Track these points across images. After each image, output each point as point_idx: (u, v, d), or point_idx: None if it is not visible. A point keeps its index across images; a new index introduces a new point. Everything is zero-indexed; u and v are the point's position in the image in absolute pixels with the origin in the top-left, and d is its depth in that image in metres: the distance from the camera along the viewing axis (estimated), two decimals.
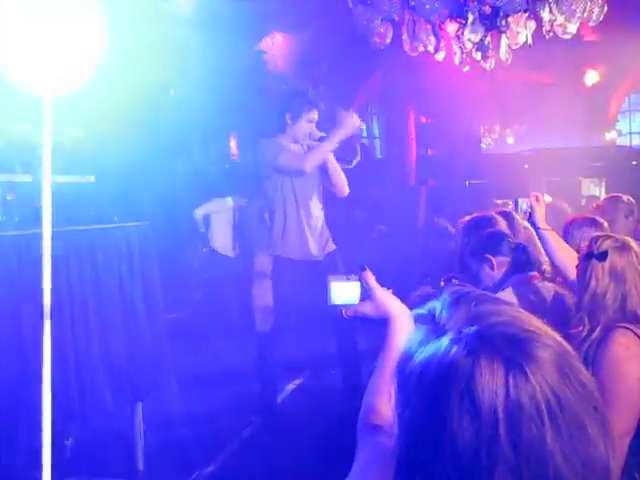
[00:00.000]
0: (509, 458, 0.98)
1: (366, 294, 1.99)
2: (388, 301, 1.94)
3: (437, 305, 1.16)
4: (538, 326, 1.09)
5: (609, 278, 3.10)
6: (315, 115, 6.54)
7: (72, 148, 5.10)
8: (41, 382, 4.25)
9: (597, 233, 3.59)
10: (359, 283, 2.03)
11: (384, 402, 1.59)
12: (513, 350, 1.03)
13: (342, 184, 6.67)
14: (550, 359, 1.04)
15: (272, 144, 6.37)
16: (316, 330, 7.95)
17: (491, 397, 0.99)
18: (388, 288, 2.03)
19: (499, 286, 3.99)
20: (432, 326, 1.12)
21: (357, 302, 2.02)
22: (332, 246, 6.71)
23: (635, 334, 3.01)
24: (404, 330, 1.76)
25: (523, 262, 4.12)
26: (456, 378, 1.02)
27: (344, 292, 2.07)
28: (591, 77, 18.76)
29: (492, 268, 4.11)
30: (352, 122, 6.32)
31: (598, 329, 3.08)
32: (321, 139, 6.47)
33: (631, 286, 3.08)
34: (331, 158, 6.52)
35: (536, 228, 4.19)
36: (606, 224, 4.79)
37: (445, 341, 1.06)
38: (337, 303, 2.07)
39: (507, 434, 0.98)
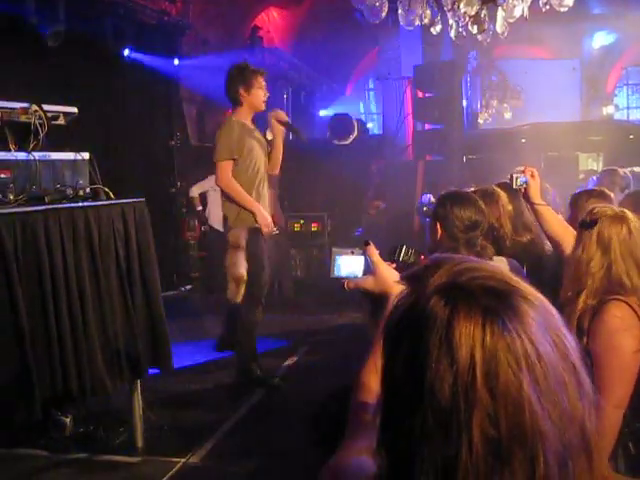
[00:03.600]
0: (486, 403, 0.99)
1: (369, 268, 1.99)
2: (390, 276, 1.93)
3: (421, 268, 1.17)
4: (520, 283, 1.10)
5: (596, 246, 3.12)
6: (263, 81, 6.75)
7: (67, 124, 5.05)
8: (38, 360, 4.27)
9: (602, 204, 3.59)
10: (363, 257, 2.03)
11: (376, 379, 1.59)
12: (492, 300, 1.04)
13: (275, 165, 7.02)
14: (530, 312, 1.05)
15: (225, 139, 6.68)
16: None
17: (468, 343, 1.00)
18: (391, 262, 2.02)
19: None
20: (416, 287, 1.12)
21: (360, 275, 2.02)
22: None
23: (629, 306, 3.02)
24: None
25: None
26: (434, 326, 1.03)
27: (347, 265, 2.07)
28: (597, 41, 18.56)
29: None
30: (265, 222, 6.57)
31: (586, 296, 3.10)
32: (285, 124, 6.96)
33: (617, 256, 3.09)
34: (279, 143, 6.91)
35: (531, 203, 4.17)
36: (613, 195, 4.80)
37: (424, 294, 1.08)
38: (339, 275, 2.07)
39: (484, 380, 0.99)
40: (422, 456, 1.01)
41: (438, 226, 3.89)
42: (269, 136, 7.02)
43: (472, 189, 5.01)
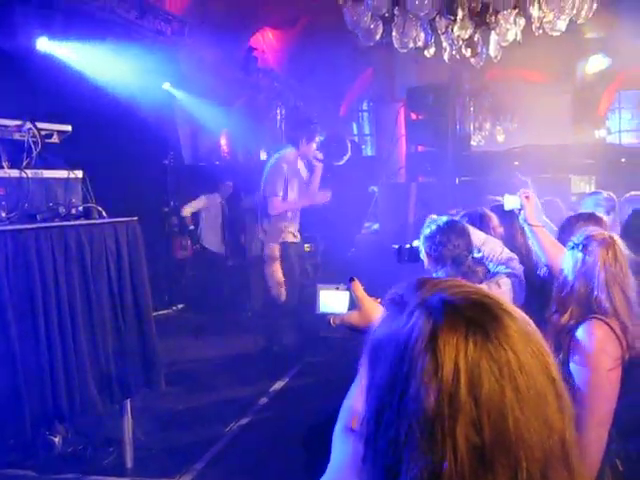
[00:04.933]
0: (470, 411, 1.01)
1: (354, 303, 2.00)
2: (375, 311, 1.94)
3: (404, 289, 1.19)
4: (502, 299, 1.14)
5: (582, 269, 3.15)
6: (318, 139, 8.72)
7: (60, 143, 5.06)
8: (28, 378, 4.24)
9: (592, 228, 3.62)
10: (348, 292, 2.03)
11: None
12: (475, 312, 1.08)
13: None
14: (512, 325, 1.08)
15: (275, 171, 8.39)
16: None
17: (452, 352, 1.03)
18: (376, 298, 2.03)
19: None
20: (399, 306, 1.15)
21: (345, 311, 2.03)
22: None
23: (609, 326, 3.05)
24: None
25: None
26: (419, 336, 1.06)
27: (332, 301, 2.08)
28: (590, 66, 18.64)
29: None
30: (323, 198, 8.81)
31: (568, 315, 3.14)
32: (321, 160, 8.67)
33: (600, 280, 3.12)
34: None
35: (528, 225, 4.20)
36: (605, 218, 4.82)
37: (409, 308, 1.11)
38: (325, 311, 2.08)
39: (468, 388, 1.02)
40: (408, 464, 1.03)
41: (424, 253, 3.94)
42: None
43: (461, 212, 5.04)
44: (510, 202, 4.34)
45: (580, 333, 3.08)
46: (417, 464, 1.02)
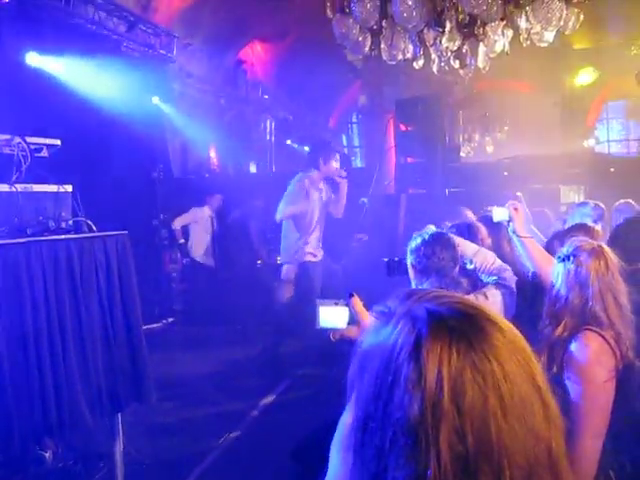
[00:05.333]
0: (453, 419, 1.02)
1: (353, 319, 2.01)
2: None
3: (392, 301, 1.21)
4: (487, 309, 1.15)
5: (575, 280, 3.16)
6: (337, 159, 8.80)
7: (50, 157, 5.05)
8: (17, 393, 4.22)
9: (581, 238, 3.63)
10: (347, 308, 2.05)
11: None
12: (458, 321, 1.09)
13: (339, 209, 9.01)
14: (496, 334, 1.09)
15: (297, 190, 8.53)
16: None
17: (435, 361, 1.05)
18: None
19: None
20: (385, 318, 1.17)
21: (344, 326, 2.04)
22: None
23: (603, 338, 3.05)
24: None
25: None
26: (404, 345, 1.08)
27: (332, 316, 2.09)
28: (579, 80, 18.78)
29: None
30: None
31: (562, 327, 3.14)
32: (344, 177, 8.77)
33: (595, 291, 3.12)
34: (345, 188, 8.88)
35: (517, 236, 4.21)
36: (598, 227, 4.84)
37: (394, 321, 1.13)
38: (325, 326, 2.09)
39: (451, 396, 1.03)
40: (393, 472, 1.05)
41: (410, 266, 3.95)
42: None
43: (449, 224, 5.06)
44: (499, 214, 4.35)
45: (574, 346, 3.08)
46: (402, 472, 1.03)
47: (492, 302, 3.87)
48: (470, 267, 4.09)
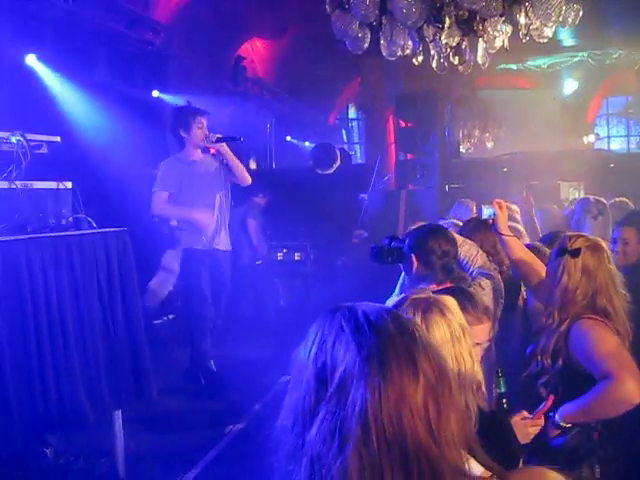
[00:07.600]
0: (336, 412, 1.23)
1: None
2: None
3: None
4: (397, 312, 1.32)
5: (581, 274, 3.18)
6: (203, 120, 7.44)
7: (49, 153, 5.04)
8: (18, 390, 4.22)
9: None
10: None
11: None
12: (390, 329, 1.23)
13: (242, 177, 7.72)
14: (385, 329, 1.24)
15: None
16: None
17: (324, 358, 1.24)
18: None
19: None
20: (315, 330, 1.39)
21: None
22: None
23: (605, 323, 3.10)
24: None
25: None
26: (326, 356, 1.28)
27: None
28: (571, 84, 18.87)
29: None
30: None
31: (566, 322, 3.17)
32: (218, 140, 7.43)
33: (601, 283, 3.16)
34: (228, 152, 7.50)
35: (499, 234, 4.18)
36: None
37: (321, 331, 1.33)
38: None
39: (335, 392, 1.22)
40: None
41: (414, 257, 3.94)
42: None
43: (453, 220, 5.07)
44: (487, 212, 4.38)
45: (575, 329, 3.15)
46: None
47: (487, 292, 3.90)
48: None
